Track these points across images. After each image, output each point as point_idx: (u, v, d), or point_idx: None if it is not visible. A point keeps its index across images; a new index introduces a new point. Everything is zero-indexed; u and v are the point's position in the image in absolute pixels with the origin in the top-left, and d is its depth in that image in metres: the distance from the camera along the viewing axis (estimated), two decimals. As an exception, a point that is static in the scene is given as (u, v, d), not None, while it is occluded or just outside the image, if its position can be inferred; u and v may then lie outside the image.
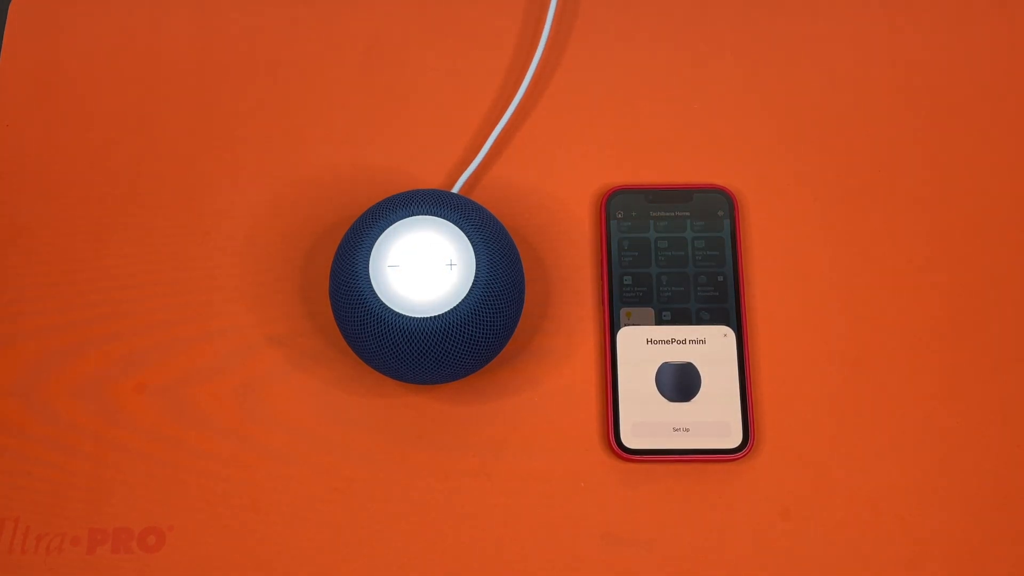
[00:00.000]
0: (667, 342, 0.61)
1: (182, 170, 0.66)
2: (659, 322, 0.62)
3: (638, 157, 0.66)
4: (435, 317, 0.55)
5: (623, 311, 0.62)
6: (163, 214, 0.65)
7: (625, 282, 0.63)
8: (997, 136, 0.67)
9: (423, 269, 0.55)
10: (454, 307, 0.55)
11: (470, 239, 0.56)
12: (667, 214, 0.64)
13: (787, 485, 0.60)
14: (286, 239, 0.64)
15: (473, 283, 0.55)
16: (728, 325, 0.62)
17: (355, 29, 0.69)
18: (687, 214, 0.64)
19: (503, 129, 0.66)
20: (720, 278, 0.63)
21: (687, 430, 0.60)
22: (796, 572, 0.58)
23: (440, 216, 0.57)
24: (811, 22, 0.70)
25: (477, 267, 0.56)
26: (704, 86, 0.68)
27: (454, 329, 0.55)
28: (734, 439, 0.60)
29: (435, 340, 0.55)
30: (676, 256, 0.63)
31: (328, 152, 0.66)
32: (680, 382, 0.61)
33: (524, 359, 0.62)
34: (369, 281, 0.55)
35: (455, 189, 0.64)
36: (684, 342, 0.61)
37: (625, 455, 0.60)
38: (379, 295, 0.55)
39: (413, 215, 0.57)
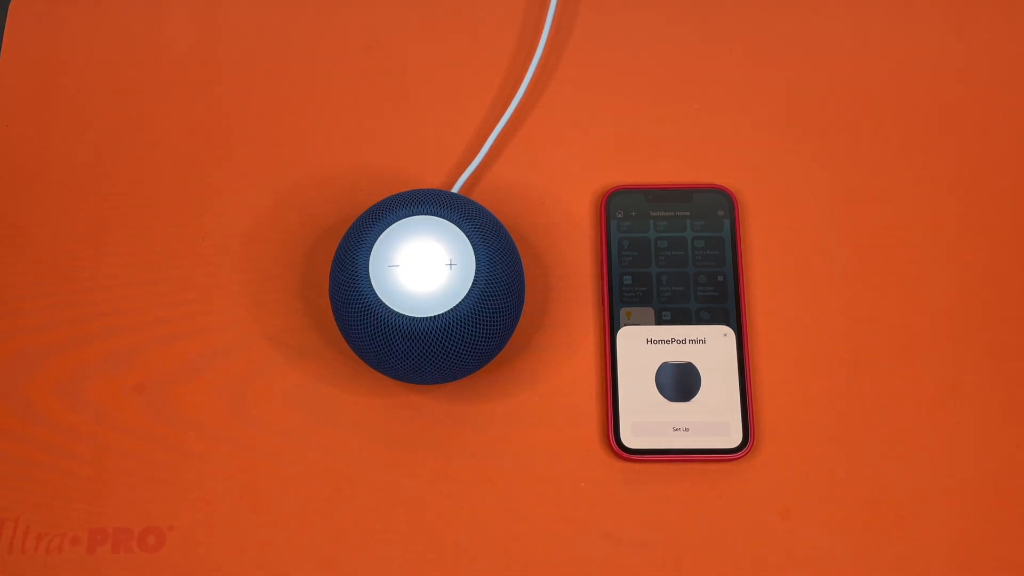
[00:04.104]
0: (667, 342, 0.61)
1: (182, 170, 0.66)
2: (659, 322, 0.62)
3: (638, 157, 0.66)
4: (435, 317, 0.55)
5: (623, 311, 0.62)
6: (163, 214, 0.65)
7: (625, 282, 0.63)
8: (997, 136, 0.67)
9: (423, 269, 0.55)
10: (454, 307, 0.55)
11: (470, 239, 0.56)
12: (667, 214, 0.64)
13: (787, 485, 0.60)
14: (286, 239, 0.64)
15: (473, 283, 0.55)
16: (728, 325, 0.62)
17: (355, 29, 0.69)
18: (687, 214, 0.64)
19: (503, 129, 0.66)
20: (720, 278, 0.63)
21: (687, 430, 0.60)
22: (796, 572, 0.58)
23: (440, 216, 0.57)
24: (811, 22, 0.70)
25: (477, 267, 0.56)
26: (704, 86, 0.68)
27: (454, 329, 0.55)
28: (734, 439, 0.60)
29: (435, 340, 0.55)
30: (676, 256, 0.63)
31: (328, 152, 0.66)
32: (680, 382, 0.61)
33: (524, 359, 0.62)
34: (369, 281, 0.55)
35: (455, 189, 0.64)
36: (684, 342, 0.61)
37: (625, 455, 0.59)
38: (379, 295, 0.55)
39: (413, 215, 0.57)
